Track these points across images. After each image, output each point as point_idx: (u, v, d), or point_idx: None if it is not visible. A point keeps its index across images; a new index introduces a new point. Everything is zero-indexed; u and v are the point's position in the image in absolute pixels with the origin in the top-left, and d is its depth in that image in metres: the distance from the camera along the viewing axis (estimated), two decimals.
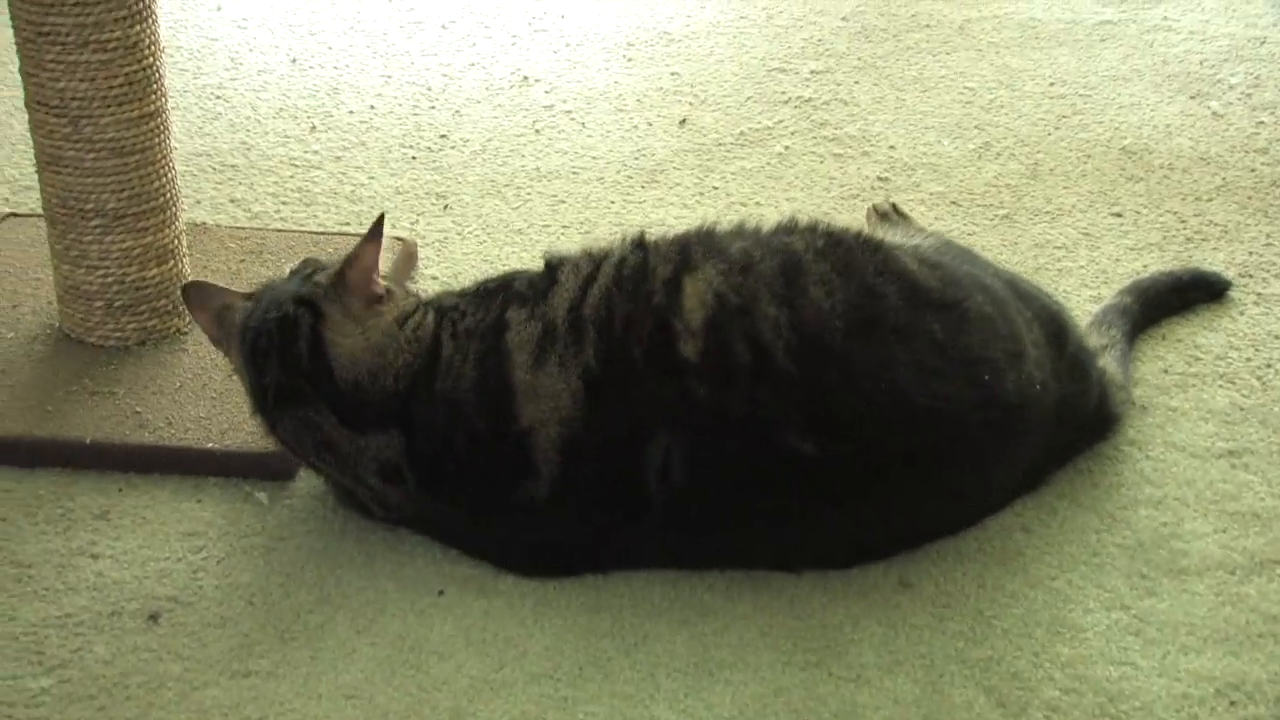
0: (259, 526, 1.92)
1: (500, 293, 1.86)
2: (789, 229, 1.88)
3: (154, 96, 2.09)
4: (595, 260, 1.84)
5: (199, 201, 2.61)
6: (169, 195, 2.15)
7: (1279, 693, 1.63)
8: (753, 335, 1.72)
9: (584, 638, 1.73)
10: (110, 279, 2.13)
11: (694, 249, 1.82)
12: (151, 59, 2.07)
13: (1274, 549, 1.82)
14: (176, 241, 2.18)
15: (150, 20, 2.06)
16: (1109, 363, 2.01)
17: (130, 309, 2.16)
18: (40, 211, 2.21)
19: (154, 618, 1.78)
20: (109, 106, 2.05)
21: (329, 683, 1.69)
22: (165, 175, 2.13)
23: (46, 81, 2.04)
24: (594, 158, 2.78)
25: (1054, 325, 1.91)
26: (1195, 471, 1.95)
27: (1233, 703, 1.63)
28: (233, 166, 2.73)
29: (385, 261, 1.95)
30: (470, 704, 1.65)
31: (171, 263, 2.18)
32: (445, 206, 2.63)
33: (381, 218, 1.88)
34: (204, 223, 2.49)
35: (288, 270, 1.95)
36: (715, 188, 2.68)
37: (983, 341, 1.78)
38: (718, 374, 1.71)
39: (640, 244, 1.86)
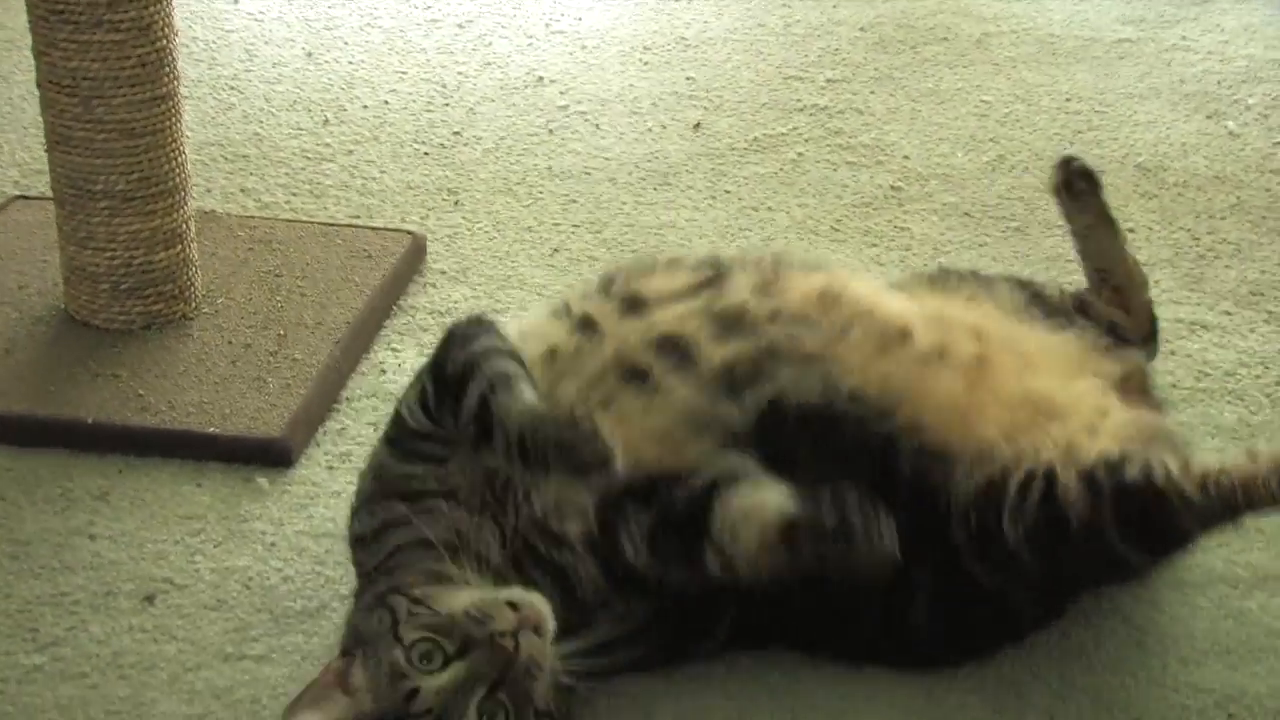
0: (258, 511, 1.91)
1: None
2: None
3: (166, 79, 2.09)
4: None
5: (209, 190, 2.60)
6: (179, 179, 2.14)
7: (1278, 706, 1.62)
8: None
9: None
10: (117, 261, 2.13)
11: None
12: (165, 41, 2.07)
13: (1277, 564, 1.80)
14: (185, 226, 2.18)
15: (165, 3, 2.05)
16: None
17: (136, 292, 2.15)
18: (49, 194, 2.20)
19: (149, 599, 1.77)
20: (121, 87, 2.04)
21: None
22: (175, 159, 2.13)
23: (59, 60, 2.04)
24: (607, 159, 2.77)
25: None
26: None
27: (1230, 715, 1.61)
28: (244, 157, 2.72)
29: None
30: None
31: (179, 247, 2.17)
32: (456, 202, 2.63)
33: None
34: (213, 210, 2.49)
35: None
36: (728, 191, 2.67)
37: None
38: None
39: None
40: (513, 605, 1.49)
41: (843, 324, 1.67)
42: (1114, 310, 1.90)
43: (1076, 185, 1.91)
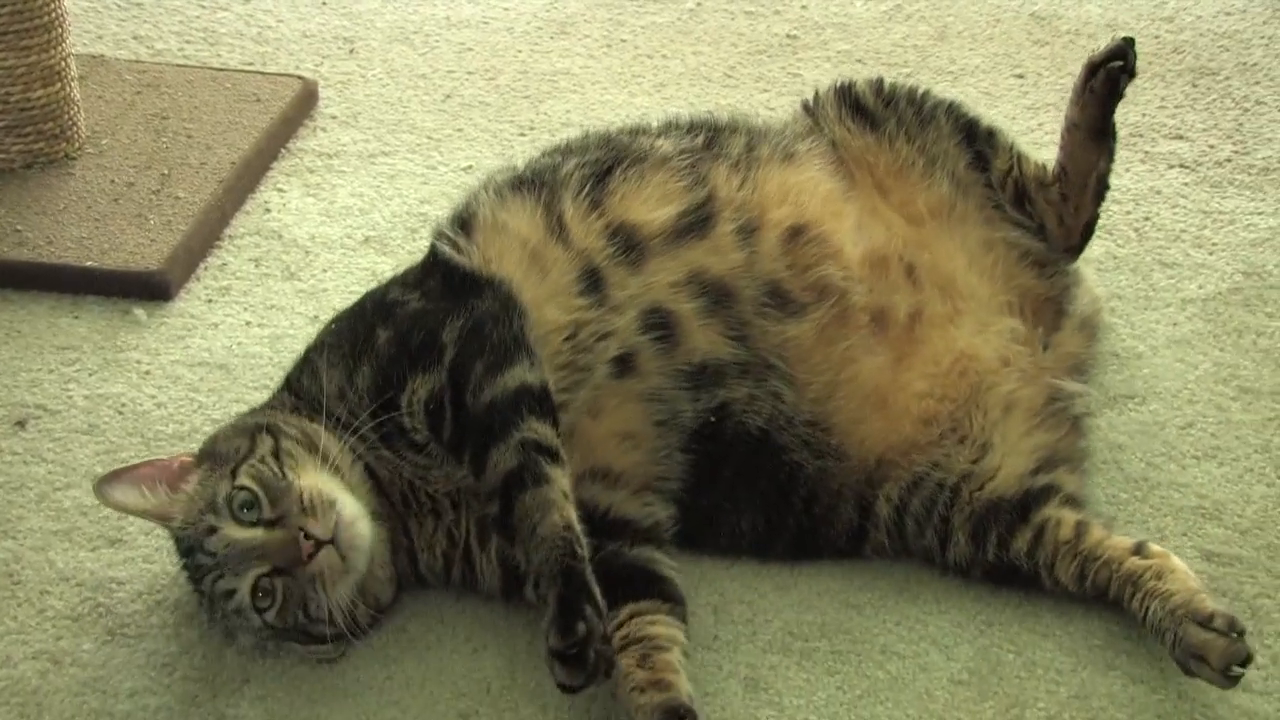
0: (134, 342, 1.93)
1: None
2: None
3: None
4: None
5: (100, 36, 2.59)
6: (54, 15, 2.13)
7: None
8: None
9: None
10: None
11: None
12: None
13: (1127, 385, 1.85)
14: (64, 64, 2.17)
15: None
16: None
17: (15, 130, 2.15)
18: None
19: (21, 424, 1.79)
20: None
21: None
22: None
23: None
24: (505, 9, 2.77)
25: None
26: None
27: None
28: (138, 4, 2.71)
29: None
30: None
31: (59, 85, 2.16)
32: (351, 50, 2.62)
33: None
34: (102, 55, 2.48)
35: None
36: (624, 40, 2.67)
37: None
38: None
39: None
40: (339, 517, 1.44)
41: (801, 297, 1.65)
42: (1049, 212, 1.81)
43: (1098, 79, 1.77)
